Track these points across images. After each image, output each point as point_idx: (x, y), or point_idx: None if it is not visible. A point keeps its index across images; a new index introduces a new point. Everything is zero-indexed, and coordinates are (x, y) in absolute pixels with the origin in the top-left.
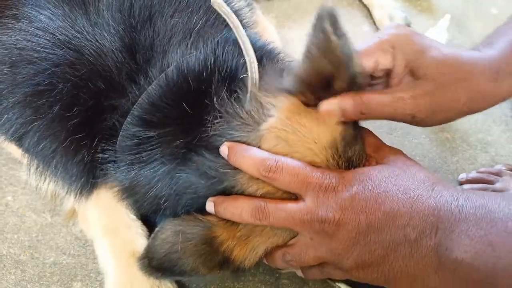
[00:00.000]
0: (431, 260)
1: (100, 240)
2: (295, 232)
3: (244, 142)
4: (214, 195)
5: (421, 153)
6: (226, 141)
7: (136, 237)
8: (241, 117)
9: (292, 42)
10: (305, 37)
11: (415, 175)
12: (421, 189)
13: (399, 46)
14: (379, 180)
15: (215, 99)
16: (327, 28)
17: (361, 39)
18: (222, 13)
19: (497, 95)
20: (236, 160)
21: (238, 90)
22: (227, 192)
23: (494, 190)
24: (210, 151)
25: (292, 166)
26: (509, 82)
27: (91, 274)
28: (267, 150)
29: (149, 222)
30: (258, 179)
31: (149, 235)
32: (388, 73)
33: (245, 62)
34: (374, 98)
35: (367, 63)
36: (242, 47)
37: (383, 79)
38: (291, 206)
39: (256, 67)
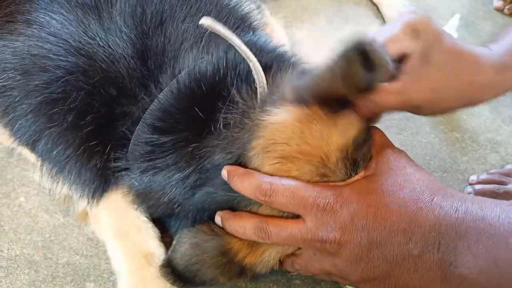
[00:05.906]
0: (436, 273)
1: (111, 242)
2: None
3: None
4: (226, 207)
5: (431, 153)
6: (226, 164)
7: (148, 239)
8: (251, 122)
9: (300, 42)
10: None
11: (414, 185)
12: (420, 202)
13: (422, 30)
14: (377, 194)
15: (227, 102)
16: (353, 58)
17: None
18: (216, 32)
19: (499, 88)
20: (235, 185)
21: (250, 93)
22: (236, 206)
23: (506, 191)
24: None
25: (287, 187)
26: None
27: (104, 275)
28: (269, 166)
29: (160, 222)
30: None
31: (161, 236)
32: (401, 59)
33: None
34: (381, 94)
35: (393, 50)
36: (244, 56)
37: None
38: (292, 226)
39: (261, 71)
